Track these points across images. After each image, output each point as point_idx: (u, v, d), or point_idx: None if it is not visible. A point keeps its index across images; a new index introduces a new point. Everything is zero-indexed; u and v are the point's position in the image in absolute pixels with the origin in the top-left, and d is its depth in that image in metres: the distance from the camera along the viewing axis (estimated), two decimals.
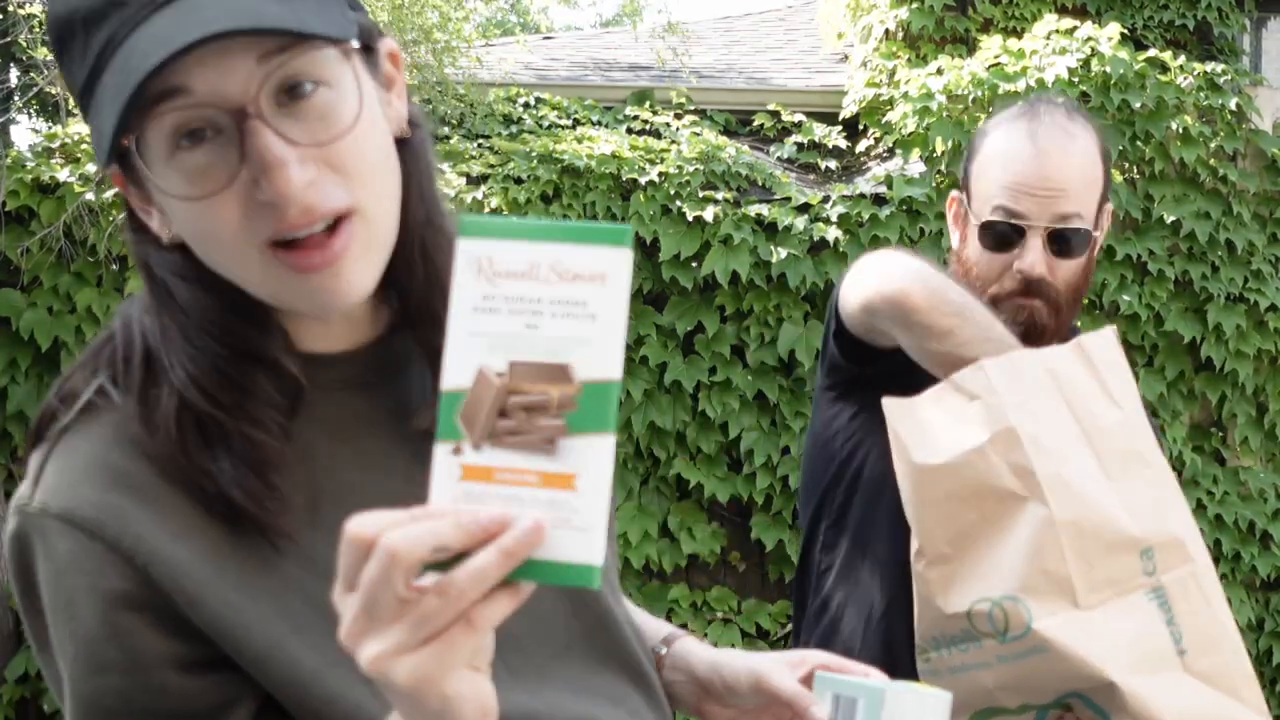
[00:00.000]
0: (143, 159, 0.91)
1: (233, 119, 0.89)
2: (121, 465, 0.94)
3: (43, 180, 5.43)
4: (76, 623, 0.92)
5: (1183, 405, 5.99)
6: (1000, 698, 1.58)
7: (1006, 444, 1.55)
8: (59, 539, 0.92)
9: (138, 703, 0.92)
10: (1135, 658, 1.51)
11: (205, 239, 0.93)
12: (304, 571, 0.96)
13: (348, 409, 1.02)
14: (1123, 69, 5.88)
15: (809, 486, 2.01)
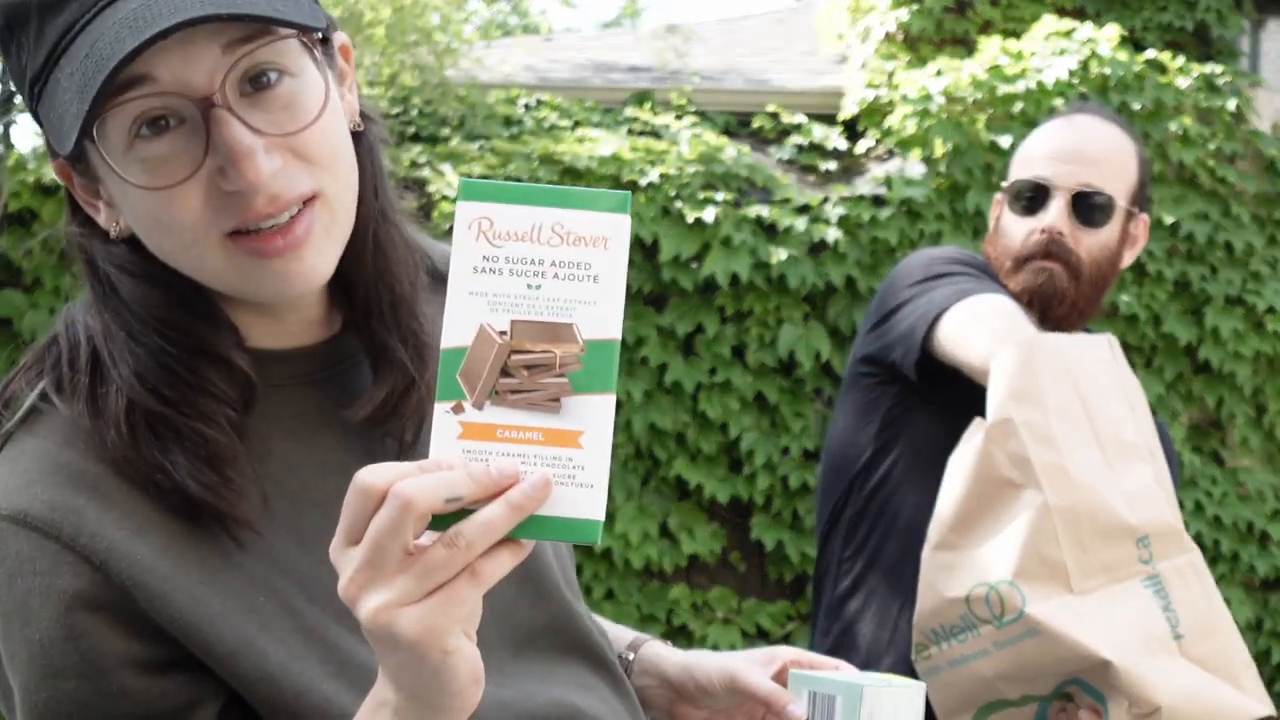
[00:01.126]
0: (103, 148, 0.89)
1: (198, 108, 0.87)
2: (75, 464, 0.92)
3: (44, 181, 5.44)
4: (30, 628, 0.89)
5: (1181, 406, 6.00)
6: (1001, 688, 1.60)
7: (1004, 433, 1.59)
8: (11, 540, 0.90)
9: (95, 708, 0.89)
10: (1131, 640, 1.53)
11: (163, 230, 0.91)
12: (264, 567, 0.94)
13: (302, 406, 1.01)
14: (1121, 70, 5.89)
15: (837, 469, 2.00)
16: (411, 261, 1.06)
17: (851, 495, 1.96)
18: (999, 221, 1.95)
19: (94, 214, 0.97)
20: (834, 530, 1.99)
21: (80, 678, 0.89)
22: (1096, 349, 1.69)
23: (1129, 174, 1.91)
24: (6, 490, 0.91)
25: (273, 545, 0.95)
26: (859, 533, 1.96)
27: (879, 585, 1.92)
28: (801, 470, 5.47)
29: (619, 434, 5.51)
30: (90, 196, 0.97)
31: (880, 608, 1.91)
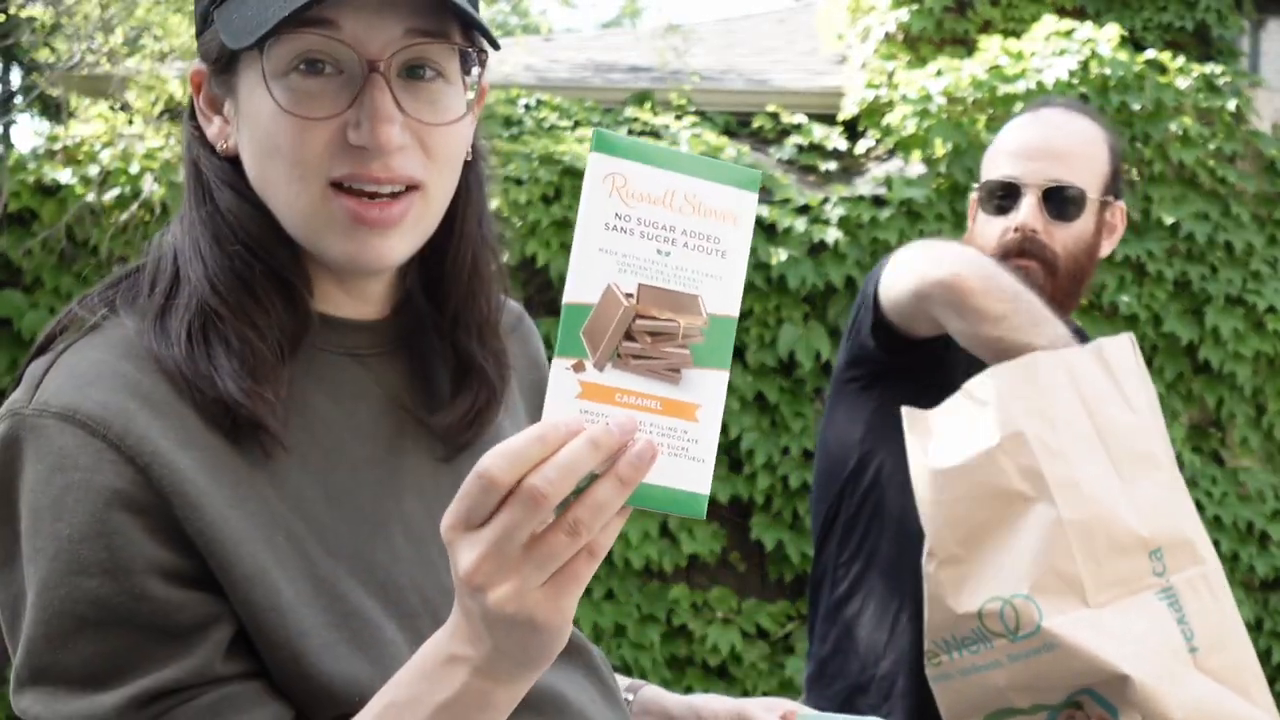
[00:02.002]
0: (265, 64, 0.95)
1: (362, 67, 0.95)
2: (131, 374, 0.95)
3: (44, 182, 5.44)
4: (61, 523, 0.90)
5: (1182, 406, 6.00)
6: (1012, 698, 1.60)
7: (1015, 447, 1.58)
8: (56, 435, 0.91)
9: (115, 610, 0.90)
10: (1146, 654, 1.53)
11: (280, 156, 0.96)
12: (288, 510, 0.97)
13: (343, 374, 1.05)
14: (1122, 71, 5.89)
15: (826, 481, 2.00)
16: (499, 290, 1.13)
17: (844, 500, 1.96)
18: (974, 222, 1.95)
19: (206, 125, 1.02)
20: (829, 535, 1.99)
21: (105, 575, 0.89)
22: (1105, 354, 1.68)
23: (1099, 164, 1.90)
24: (60, 390, 0.93)
25: (300, 492, 0.98)
26: (854, 537, 1.95)
27: (876, 587, 1.91)
28: (801, 470, 5.47)
29: None
30: (210, 108, 1.02)
31: (878, 609, 1.90)
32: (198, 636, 0.92)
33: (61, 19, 6.10)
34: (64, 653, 0.90)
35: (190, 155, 1.03)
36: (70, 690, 0.90)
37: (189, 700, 0.91)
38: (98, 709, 0.89)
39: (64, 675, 0.90)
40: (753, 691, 5.54)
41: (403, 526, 1.03)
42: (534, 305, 5.65)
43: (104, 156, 5.56)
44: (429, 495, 1.05)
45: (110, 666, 0.90)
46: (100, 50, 6.01)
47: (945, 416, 1.66)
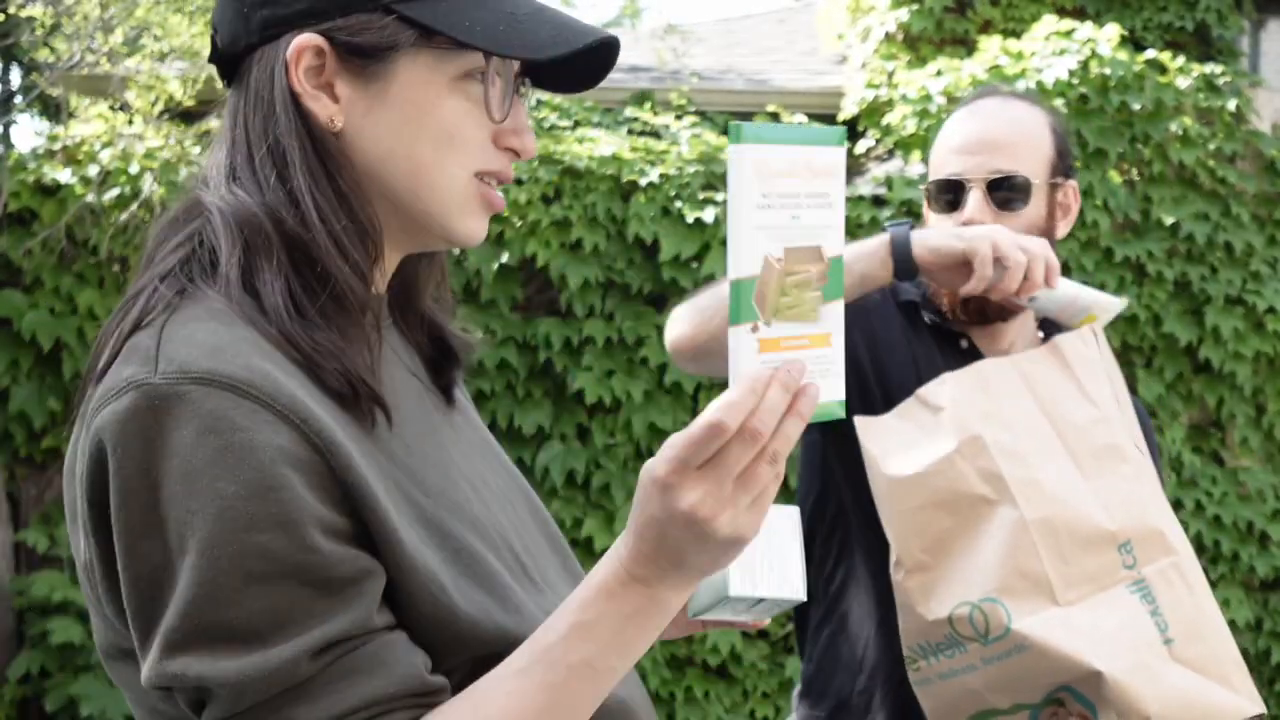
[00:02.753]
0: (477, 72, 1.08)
1: (514, 83, 1.11)
2: (250, 337, 0.97)
3: (44, 181, 5.44)
4: (223, 481, 0.90)
5: (1182, 406, 6.00)
6: (992, 699, 1.60)
7: (973, 450, 1.58)
8: (202, 400, 0.91)
9: (285, 561, 0.92)
10: (1119, 649, 1.53)
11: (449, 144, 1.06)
12: (387, 460, 1.03)
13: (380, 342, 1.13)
14: (1121, 70, 5.89)
15: (801, 497, 2.01)
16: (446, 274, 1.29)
17: (817, 523, 1.97)
18: (926, 222, 1.95)
19: (312, 101, 1.05)
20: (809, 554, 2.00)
21: (277, 529, 0.91)
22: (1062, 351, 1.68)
23: (1042, 148, 1.89)
24: (189, 359, 0.94)
25: (389, 443, 1.04)
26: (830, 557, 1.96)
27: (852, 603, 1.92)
28: None
29: (618, 434, 5.51)
30: (320, 85, 1.05)
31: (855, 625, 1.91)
32: (354, 590, 0.95)
33: (61, 19, 6.10)
34: (230, 610, 0.91)
35: (296, 128, 1.05)
36: (233, 648, 0.91)
37: (353, 650, 0.95)
38: (271, 662, 0.91)
39: (227, 633, 0.91)
40: (753, 692, 5.54)
41: (459, 472, 1.12)
42: (534, 305, 5.65)
43: (104, 156, 5.56)
44: (459, 446, 1.16)
45: (275, 622, 0.92)
46: (100, 50, 6.01)
47: (898, 421, 1.66)
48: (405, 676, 0.96)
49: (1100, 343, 1.71)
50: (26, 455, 5.57)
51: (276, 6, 1.04)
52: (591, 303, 5.53)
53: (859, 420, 1.67)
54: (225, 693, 0.92)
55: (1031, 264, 1.65)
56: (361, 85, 1.05)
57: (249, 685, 0.91)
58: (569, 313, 5.53)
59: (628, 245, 5.53)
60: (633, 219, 5.48)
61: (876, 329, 1.89)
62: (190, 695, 0.94)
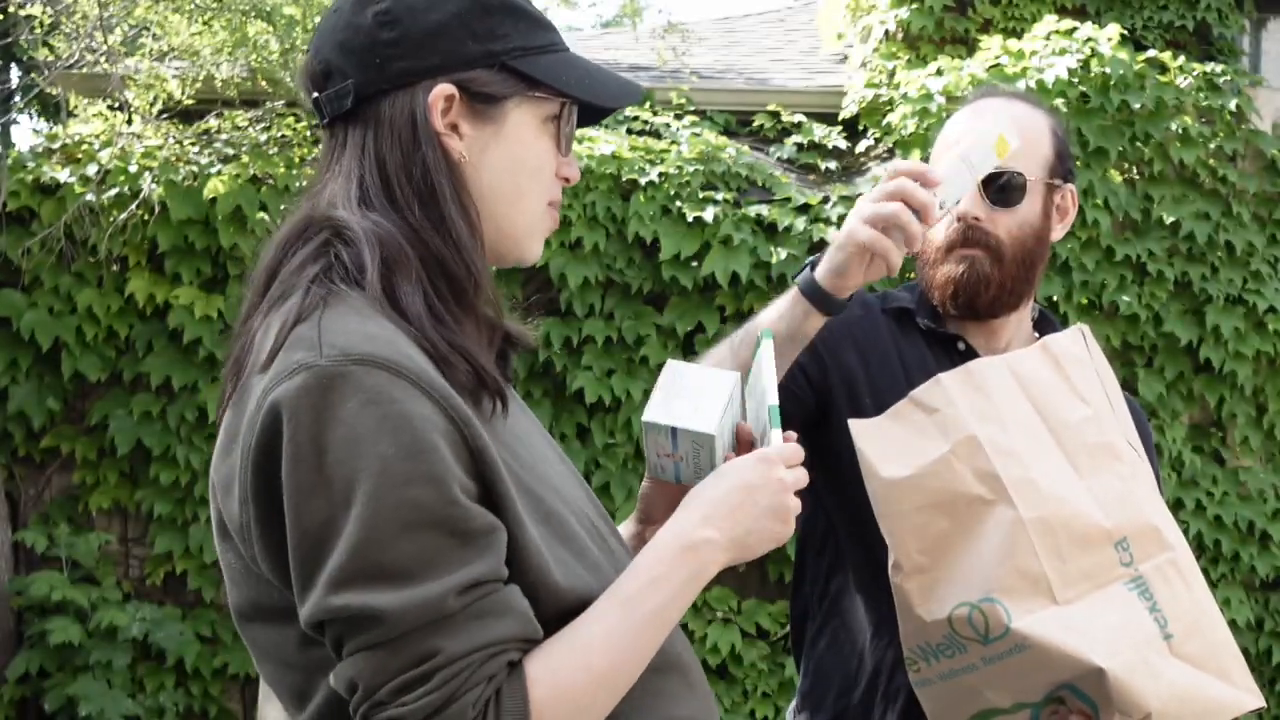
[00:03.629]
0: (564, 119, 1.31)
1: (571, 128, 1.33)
2: (393, 331, 1.15)
3: (43, 181, 5.44)
4: (384, 444, 1.08)
5: (1182, 406, 5.99)
6: (993, 698, 1.59)
7: (969, 451, 1.58)
8: (365, 377, 1.10)
9: (434, 512, 1.09)
10: (1119, 645, 1.52)
11: (540, 178, 1.30)
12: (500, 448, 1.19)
13: None
14: (1122, 70, 5.89)
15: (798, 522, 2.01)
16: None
17: (809, 539, 1.97)
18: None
19: (447, 137, 1.25)
20: (803, 568, 2.01)
21: (428, 484, 1.09)
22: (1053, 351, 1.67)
23: (1041, 148, 1.89)
24: (350, 344, 1.12)
25: (504, 437, 1.21)
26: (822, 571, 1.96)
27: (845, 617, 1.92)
28: None
29: (618, 434, 5.50)
30: (452, 126, 1.25)
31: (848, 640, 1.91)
32: (486, 541, 1.13)
33: (60, 18, 6.10)
34: (388, 553, 1.08)
35: (437, 161, 1.24)
36: (391, 584, 1.08)
37: (488, 594, 1.12)
38: (422, 595, 1.08)
39: (386, 572, 1.08)
40: (753, 692, 5.54)
41: (537, 448, 1.30)
42: (534, 305, 5.65)
43: (103, 156, 5.55)
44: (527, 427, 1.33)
45: (426, 563, 1.09)
46: (99, 49, 6.01)
47: (893, 424, 1.65)
48: (524, 622, 1.14)
49: (1090, 342, 1.71)
50: (25, 455, 5.57)
51: (415, 59, 1.24)
52: (591, 302, 5.52)
53: (854, 424, 1.67)
54: (380, 620, 1.08)
55: (906, 198, 1.63)
56: (480, 126, 1.26)
57: (404, 615, 1.08)
58: (569, 312, 5.53)
59: (627, 244, 5.53)
60: (633, 218, 5.47)
61: (859, 338, 1.89)
62: (341, 630, 1.10)
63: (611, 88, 1.32)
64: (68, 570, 5.40)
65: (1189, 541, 5.94)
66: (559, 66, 1.29)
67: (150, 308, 5.47)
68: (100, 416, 5.50)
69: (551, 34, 1.31)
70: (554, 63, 1.29)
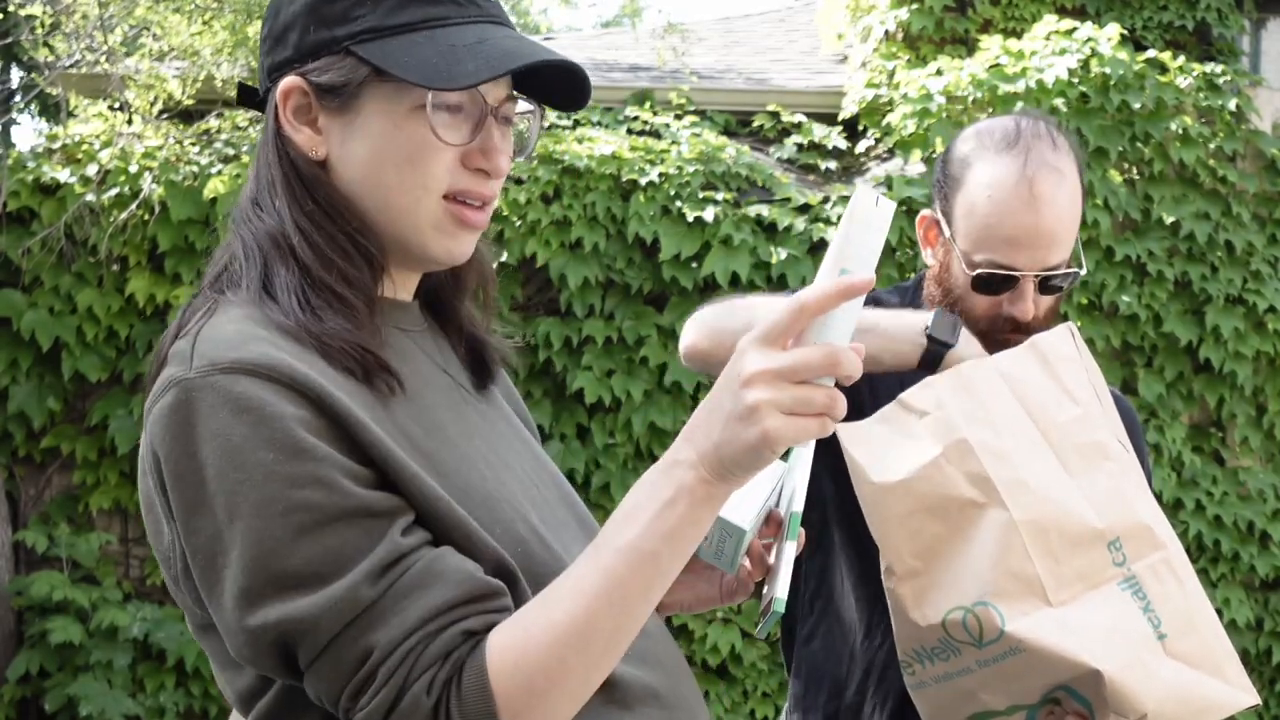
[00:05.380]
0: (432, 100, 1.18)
1: (484, 109, 1.20)
2: (266, 334, 1.11)
3: (44, 181, 5.44)
4: (264, 451, 1.05)
5: (1182, 406, 6.00)
6: (988, 701, 1.59)
7: (960, 454, 1.57)
8: (231, 385, 1.06)
9: (330, 509, 1.05)
10: (1114, 646, 1.52)
11: (412, 167, 1.19)
12: (404, 441, 1.14)
13: (400, 342, 1.25)
14: (1122, 70, 5.89)
15: None
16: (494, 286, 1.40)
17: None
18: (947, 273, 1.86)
19: (293, 132, 1.20)
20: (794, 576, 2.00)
21: (316, 484, 1.05)
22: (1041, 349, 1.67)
23: (1079, 212, 1.83)
24: (217, 354, 1.09)
25: (407, 426, 1.16)
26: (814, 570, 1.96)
27: (837, 619, 1.92)
28: None
29: (618, 434, 5.51)
30: (301, 120, 1.20)
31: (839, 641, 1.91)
32: (389, 520, 1.08)
33: (61, 18, 6.10)
34: (290, 560, 1.04)
35: (283, 157, 1.21)
36: (302, 590, 1.04)
37: (406, 570, 1.06)
38: (334, 595, 1.03)
39: (294, 580, 1.04)
40: (753, 692, 5.54)
41: (480, 456, 1.23)
42: (534, 305, 5.65)
43: (103, 156, 5.55)
44: (486, 436, 1.27)
45: (332, 561, 1.05)
46: (99, 49, 6.01)
47: (882, 426, 1.65)
48: (461, 581, 1.07)
49: (1078, 341, 1.70)
50: (25, 455, 5.57)
51: (274, 55, 1.22)
52: (591, 302, 5.52)
53: (841, 428, 1.64)
54: (305, 631, 1.04)
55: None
56: (338, 118, 1.20)
57: (323, 619, 1.03)
58: (569, 312, 5.53)
59: (627, 245, 5.53)
60: (632, 218, 5.47)
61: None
62: (275, 650, 1.05)
63: (466, 66, 1.17)
64: (68, 570, 5.40)
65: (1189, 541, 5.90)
66: (408, 47, 1.18)
67: (150, 308, 5.47)
68: (100, 416, 5.50)
69: (427, 9, 1.20)
70: (405, 44, 1.18)
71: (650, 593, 1.08)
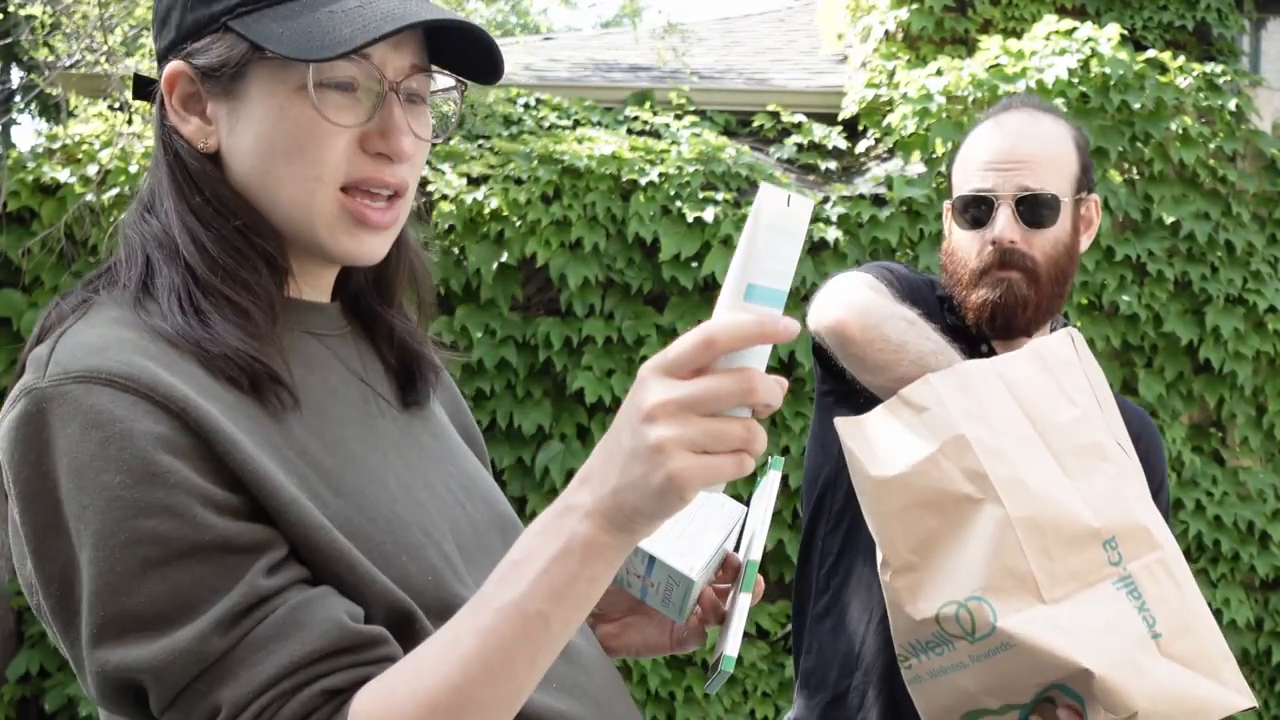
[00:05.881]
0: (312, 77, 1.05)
1: (382, 86, 1.07)
2: (135, 340, 1.00)
3: (44, 181, 5.44)
4: (108, 473, 0.92)
5: (1182, 406, 5.99)
6: (982, 699, 1.60)
7: (957, 450, 1.59)
8: (84, 396, 0.94)
9: (178, 545, 0.92)
10: (1107, 645, 1.53)
11: (302, 157, 1.06)
12: (297, 457, 1.03)
13: (310, 347, 1.13)
14: (1122, 70, 5.89)
15: (808, 490, 2.03)
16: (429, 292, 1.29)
17: (823, 511, 1.97)
18: (951, 235, 1.95)
19: (181, 124, 1.09)
20: (811, 546, 2.01)
21: (165, 513, 0.92)
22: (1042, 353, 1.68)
23: (1068, 163, 1.90)
24: (73, 360, 0.97)
25: (303, 441, 1.04)
26: (832, 548, 1.97)
27: (850, 599, 1.93)
28: (801, 470, 5.46)
29: None
30: (187, 108, 1.09)
31: (851, 621, 1.92)
32: (252, 558, 0.95)
33: (61, 18, 6.10)
34: (132, 598, 0.92)
35: (169, 150, 1.10)
36: (144, 635, 0.92)
37: (264, 618, 0.94)
38: (179, 643, 0.91)
39: (136, 621, 0.92)
40: (753, 692, 5.54)
41: (394, 474, 1.10)
42: (534, 305, 5.65)
43: (103, 156, 5.55)
44: (403, 450, 1.14)
45: (180, 602, 0.92)
46: (99, 49, 6.01)
47: (881, 421, 1.66)
48: (327, 632, 0.94)
49: (1079, 346, 1.72)
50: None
51: (160, 40, 1.12)
52: (591, 302, 5.52)
53: (839, 421, 1.67)
54: (149, 681, 0.92)
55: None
56: (225, 104, 1.08)
57: (168, 670, 0.91)
58: (569, 312, 5.53)
59: (627, 245, 5.53)
60: (632, 218, 5.47)
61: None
62: (125, 696, 0.94)
63: (341, 32, 1.03)
64: None
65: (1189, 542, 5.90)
66: (284, 17, 1.05)
67: None
68: None
69: None
70: (281, 14, 1.05)
71: (539, 658, 0.92)
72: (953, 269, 1.91)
